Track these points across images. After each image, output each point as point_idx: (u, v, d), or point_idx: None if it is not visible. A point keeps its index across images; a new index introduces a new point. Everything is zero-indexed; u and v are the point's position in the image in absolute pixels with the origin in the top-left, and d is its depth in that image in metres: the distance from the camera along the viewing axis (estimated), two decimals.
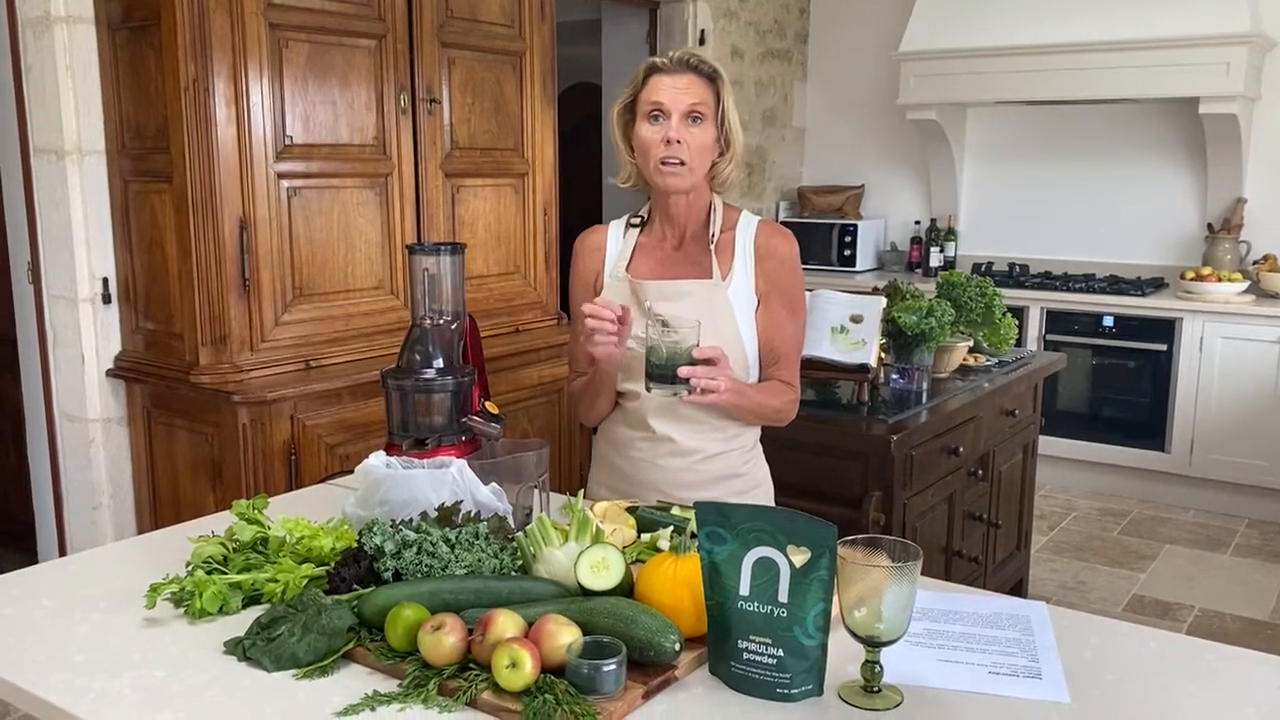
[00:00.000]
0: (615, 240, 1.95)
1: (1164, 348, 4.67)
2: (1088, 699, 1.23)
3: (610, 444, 1.97)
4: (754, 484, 1.97)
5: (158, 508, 2.96)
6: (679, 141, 1.77)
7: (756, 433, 1.98)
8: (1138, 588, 3.85)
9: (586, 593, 1.34)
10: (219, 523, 1.70)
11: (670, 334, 1.64)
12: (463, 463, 1.58)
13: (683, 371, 1.63)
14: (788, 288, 1.89)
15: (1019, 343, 4.12)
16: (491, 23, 3.34)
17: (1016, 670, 1.29)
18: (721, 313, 1.83)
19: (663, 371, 1.65)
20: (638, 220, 1.95)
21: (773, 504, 1.91)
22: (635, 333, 1.81)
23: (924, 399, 2.79)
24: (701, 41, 5.02)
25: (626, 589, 1.34)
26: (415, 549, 1.39)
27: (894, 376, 2.84)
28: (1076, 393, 4.94)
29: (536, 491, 1.66)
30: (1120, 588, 3.84)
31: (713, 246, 1.87)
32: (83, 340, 2.92)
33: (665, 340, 1.64)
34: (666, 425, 1.88)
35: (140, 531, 2.97)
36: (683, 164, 1.78)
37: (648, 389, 1.69)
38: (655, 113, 1.78)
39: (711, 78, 1.80)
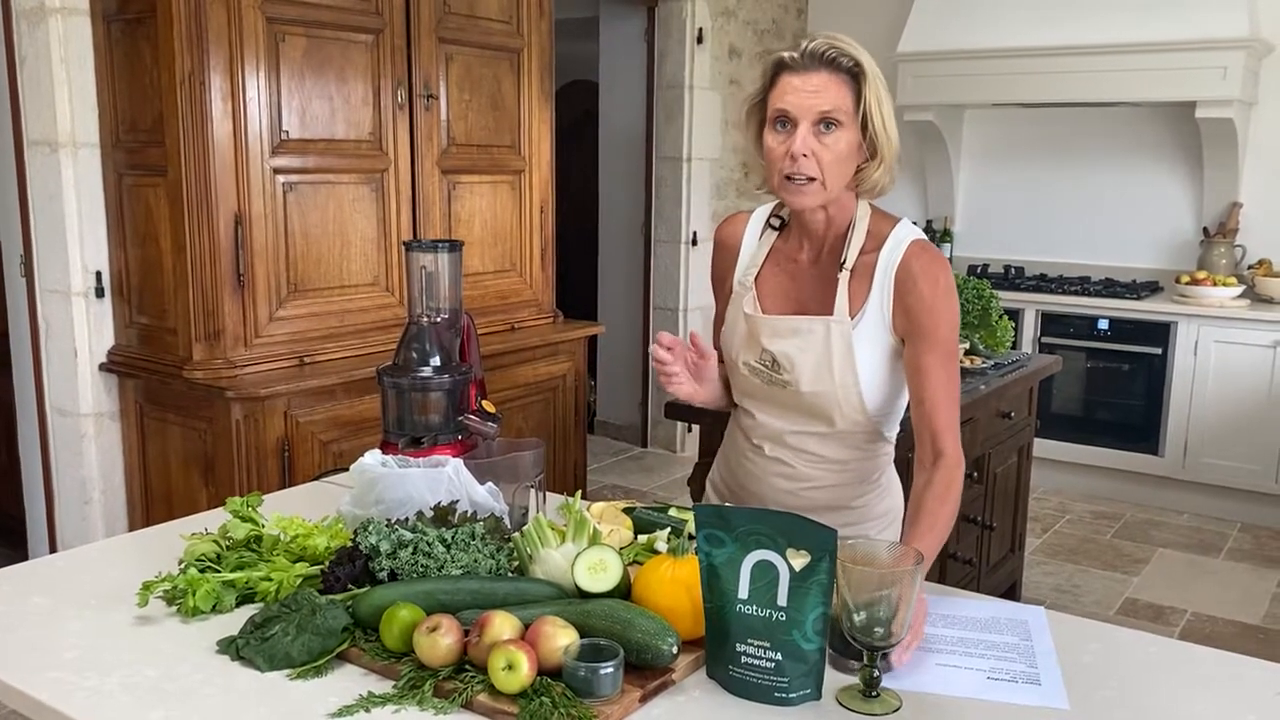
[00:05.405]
0: (751, 238, 1.75)
1: (1158, 351, 4.67)
2: (1087, 705, 1.22)
3: (733, 445, 1.84)
4: (869, 518, 1.74)
5: (150, 504, 2.95)
6: (806, 155, 1.53)
7: (879, 468, 1.75)
8: (1130, 591, 3.85)
9: (584, 594, 1.33)
10: (212, 520, 1.69)
11: (860, 600, 1.19)
12: (459, 462, 1.57)
13: (894, 659, 1.27)
14: (930, 330, 1.58)
15: (1014, 345, 4.12)
16: (489, 19, 3.33)
17: (1015, 676, 1.29)
18: (840, 354, 1.60)
19: (857, 647, 1.22)
20: (778, 221, 1.73)
21: (897, 540, 1.63)
22: (747, 360, 1.68)
23: None
24: (700, 40, 5.01)
25: (624, 591, 1.34)
26: (411, 549, 1.38)
27: None
28: (1071, 396, 4.94)
29: (533, 491, 1.65)
30: (1113, 591, 3.85)
31: (847, 274, 1.62)
32: (75, 334, 2.91)
33: (856, 611, 1.19)
34: (779, 450, 1.72)
35: (132, 527, 2.96)
36: (811, 180, 1.54)
37: (839, 658, 1.28)
38: (781, 119, 1.55)
39: (852, 73, 1.55)
